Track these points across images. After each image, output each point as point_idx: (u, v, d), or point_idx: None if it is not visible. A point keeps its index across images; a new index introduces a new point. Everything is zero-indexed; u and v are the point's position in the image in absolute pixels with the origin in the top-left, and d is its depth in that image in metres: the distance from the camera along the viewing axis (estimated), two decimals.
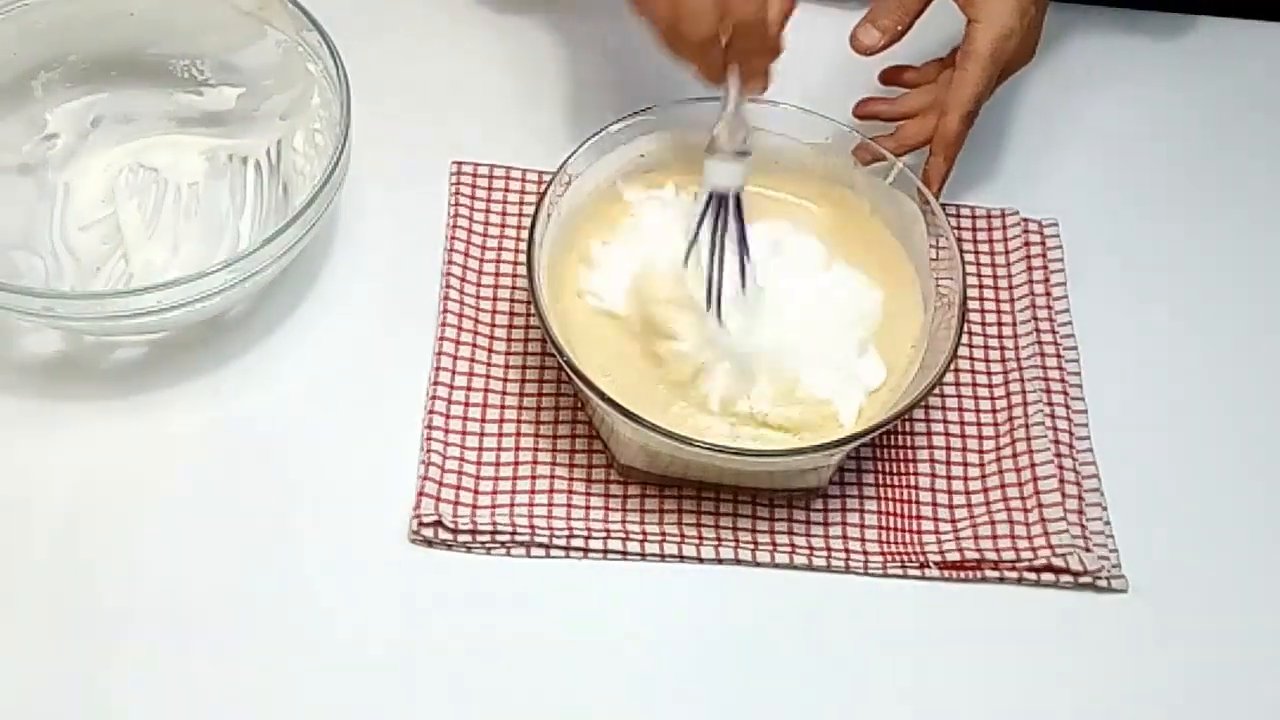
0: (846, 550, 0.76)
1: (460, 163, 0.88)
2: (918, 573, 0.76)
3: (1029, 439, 0.79)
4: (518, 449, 0.78)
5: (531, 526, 0.75)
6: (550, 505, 0.76)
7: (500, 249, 0.85)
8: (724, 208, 0.77)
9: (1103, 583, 0.76)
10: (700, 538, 0.76)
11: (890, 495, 0.79)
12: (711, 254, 0.76)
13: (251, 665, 0.70)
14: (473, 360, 0.80)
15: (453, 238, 0.85)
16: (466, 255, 0.84)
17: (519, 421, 0.79)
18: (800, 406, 0.75)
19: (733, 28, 0.73)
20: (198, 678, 0.70)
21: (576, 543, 0.75)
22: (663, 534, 0.76)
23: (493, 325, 0.82)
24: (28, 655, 0.69)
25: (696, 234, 0.77)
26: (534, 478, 0.77)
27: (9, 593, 0.71)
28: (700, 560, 0.75)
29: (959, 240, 0.80)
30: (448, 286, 0.82)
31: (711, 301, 0.75)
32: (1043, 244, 0.88)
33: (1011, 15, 0.82)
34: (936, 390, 0.74)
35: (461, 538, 0.74)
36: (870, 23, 0.84)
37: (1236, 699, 0.74)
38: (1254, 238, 0.92)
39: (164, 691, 0.69)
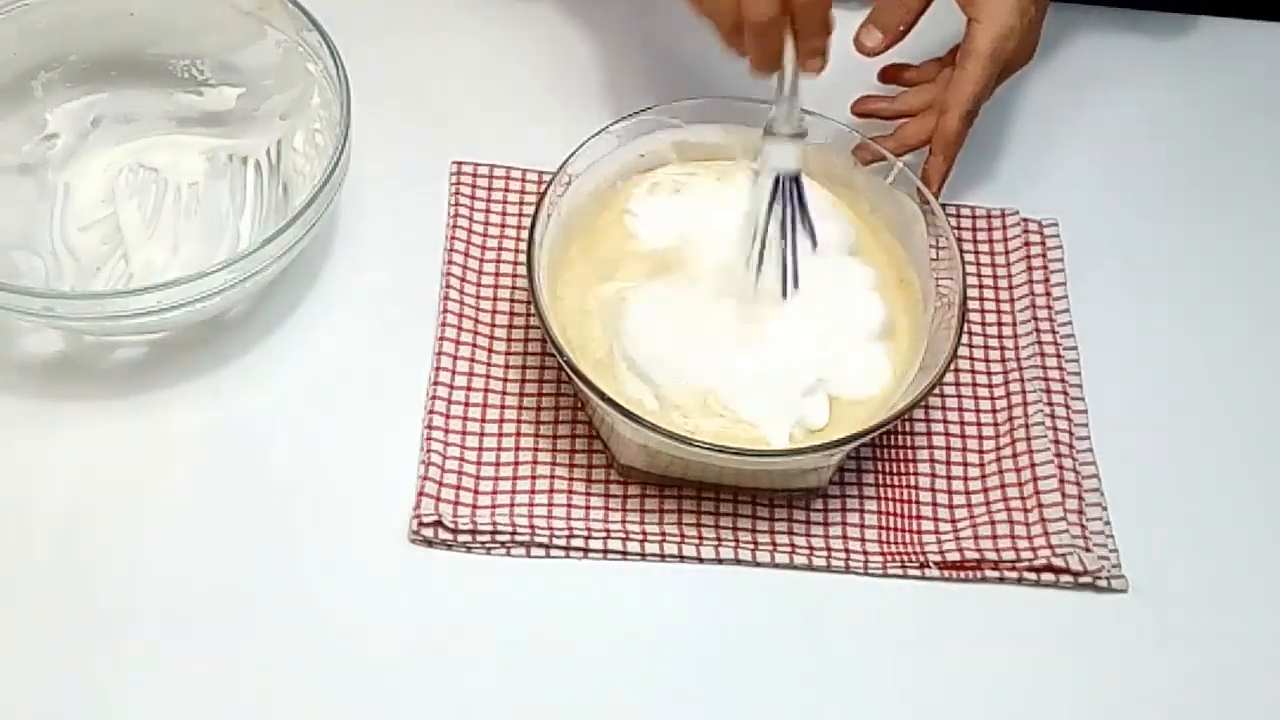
0: (846, 550, 0.76)
1: (460, 163, 0.88)
2: (918, 573, 0.76)
3: (1029, 439, 0.79)
4: (518, 449, 0.78)
5: (531, 526, 0.75)
6: (550, 505, 0.76)
7: (500, 249, 0.85)
8: (784, 190, 0.77)
9: (1103, 583, 0.76)
10: (700, 538, 0.76)
11: (890, 495, 0.79)
12: (782, 234, 0.76)
13: (251, 665, 0.70)
14: (473, 360, 0.80)
15: (453, 238, 0.85)
16: (466, 255, 0.84)
17: (519, 421, 0.79)
18: (720, 420, 0.74)
19: (793, 8, 0.74)
20: (198, 678, 0.70)
21: (576, 543, 0.75)
22: (663, 534, 0.76)
23: (493, 325, 0.82)
24: (28, 655, 0.69)
25: (767, 217, 0.76)
26: (534, 478, 0.77)
27: (9, 593, 0.71)
28: (700, 560, 0.75)
29: (959, 240, 0.80)
30: (448, 286, 0.82)
31: (784, 282, 0.76)
32: (1043, 244, 0.88)
33: (1012, 14, 0.82)
34: (936, 390, 0.74)
35: (461, 538, 0.74)
36: (872, 24, 0.84)
37: (1236, 699, 0.74)
38: (1254, 238, 0.92)
39: (164, 691, 0.69)
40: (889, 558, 0.76)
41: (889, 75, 0.89)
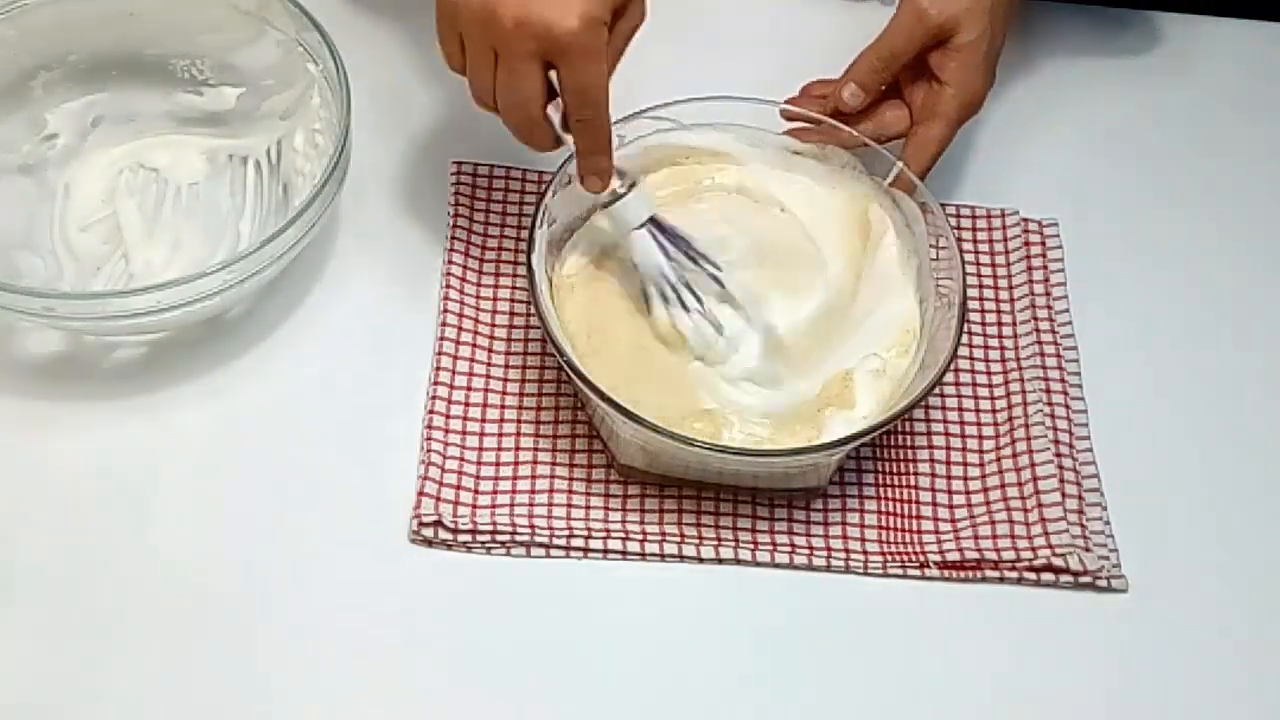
0: (846, 550, 0.76)
1: (460, 163, 0.88)
2: (918, 573, 0.76)
3: (1029, 439, 0.79)
4: (518, 449, 0.78)
5: (531, 526, 0.75)
6: (550, 505, 0.76)
7: (500, 249, 0.85)
8: (657, 235, 0.76)
9: (1103, 583, 0.76)
10: (700, 538, 0.76)
11: (890, 495, 0.79)
12: (676, 282, 0.76)
13: (251, 665, 0.70)
14: (473, 360, 0.80)
15: (453, 238, 0.85)
16: (466, 255, 0.84)
17: (519, 421, 0.79)
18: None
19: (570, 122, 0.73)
20: (198, 677, 0.70)
21: (576, 543, 0.75)
22: (663, 534, 0.76)
23: (493, 325, 0.82)
24: (28, 655, 0.69)
25: (663, 273, 0.76)
26: (534, 478, 0.77)
27: (9, 592, 0.71)
28: (700, 560, 0.75)
29: (959, 240, 0.80)
30: (448, 286, 0.82)
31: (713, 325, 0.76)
32: (1043, 244, 0.88)
33: (982, 82, 0.83)
34: (936, 390, 0.74)
35: (461, 538, 0.74)
36: (853, 81, 0.83)
37: (1236, 699, 0.74)
38: (1253, 237, 0.92)
39: (164, 691, 0.69)
40: (889, 558, 0.76)
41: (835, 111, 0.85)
